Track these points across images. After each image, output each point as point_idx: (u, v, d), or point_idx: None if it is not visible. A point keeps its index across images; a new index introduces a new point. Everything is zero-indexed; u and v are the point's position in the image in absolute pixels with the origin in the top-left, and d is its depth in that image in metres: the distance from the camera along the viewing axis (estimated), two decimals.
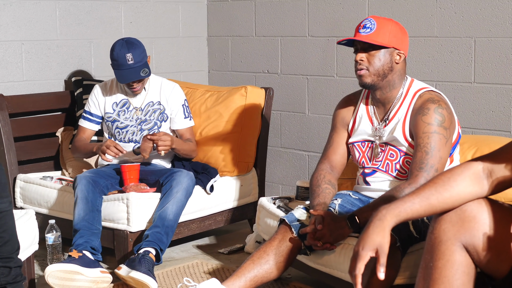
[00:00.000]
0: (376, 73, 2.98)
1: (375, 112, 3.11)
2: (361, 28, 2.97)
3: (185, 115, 3.94)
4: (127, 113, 3.87)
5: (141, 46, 3.79)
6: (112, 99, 3.89)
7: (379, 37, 2.94)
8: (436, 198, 2.12)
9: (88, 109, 3.92)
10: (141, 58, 3.74)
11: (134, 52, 3.72)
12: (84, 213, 3.49)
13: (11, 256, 2.77)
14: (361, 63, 2.98)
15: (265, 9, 4.64)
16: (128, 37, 3.81)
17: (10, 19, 4.16)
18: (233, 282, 2.91)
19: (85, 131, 3.92)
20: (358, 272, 2.10)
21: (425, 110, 2.94)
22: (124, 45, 3.73)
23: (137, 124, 3.86)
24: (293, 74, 4.54)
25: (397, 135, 3.00)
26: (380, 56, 2.96)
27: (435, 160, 2.87)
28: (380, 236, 2.09)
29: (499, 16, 3.60)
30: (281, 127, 4.63)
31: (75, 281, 3.25)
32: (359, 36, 2.96)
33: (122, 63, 3.71)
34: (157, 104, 3.89)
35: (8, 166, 3.98)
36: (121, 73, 3.72)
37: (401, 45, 3.00)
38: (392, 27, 2.97)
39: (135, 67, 3.71)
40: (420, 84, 3.07)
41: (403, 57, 3.01)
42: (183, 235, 3.86)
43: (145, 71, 3.74)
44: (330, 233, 2.88)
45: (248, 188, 4.20)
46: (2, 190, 2.74)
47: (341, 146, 3.20)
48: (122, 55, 3.70)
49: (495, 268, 2.13)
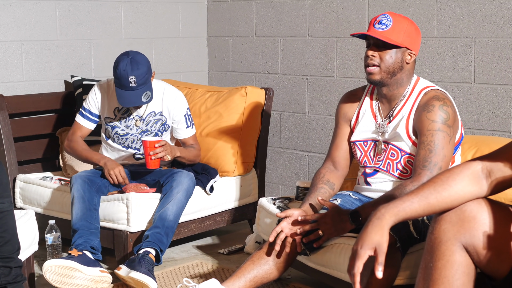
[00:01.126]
0: (386, 71, 2.96)
1: (379, 108, 3.10)
2: (377, 23, 2.94)
3: (187, 124, 3.87)
4: (128, 121, 3.78)
5: (146, 65, 3.63)
6: (113, 103, 3.78)
7: (394, 35, 2.91)
8: (435, 197, 2.12)
9: (87, 107, 3.81)
10: (145, 80, 3.62)
11: (138, 73, 3.58)
12: (82, 212, 3.48)
13: (12, 256, 2.77)
14: (373, 59, 2.95)
15: (265, 9, 4.64)
16: (133, 54, 3.63)
17: (10, 19, 4.16)
18: (233, 282, 2.91)
19: (81, 129, 3.82)
20: (357, 271, 2.10)
21: (430, 107, 2.93)
22: (129, 64, 3.58)
23: (138, 134, 3.80)
24: (293, 75, 4.54)
25: (400, 131, 2.99)
26: (392, 54, 2.94)
27: (438, 158, 2.86)
28: (379, 235, 2.09)
29: (499, 16, 3.60)
30: (281, 127, 4.63)
31: (74, 278, 3.24)
32: (374, 32, 2.93)
33: (124, 84, 3.58)
34: (159, 114, 3.80)
35: (8, 167, 3.98)
36: (123, 94, 3.60)
37: (414, 45, 2.98)
38: (407, 26, 2.95)
39: (137, 89, 3.60)
40: (426, 83, 3.07)
41: (414, 57, 3.00)
42: (183, 235, 3.86)
43: (147, 95, 3.62)
44: (333, 223, 2.87)
45: (248, 188, 4.20)
46: (3, 190, 2.74)
47: (344, 142, 3.18)
48: (125, 76, 3.56)
49: (495, 268, 2.13)
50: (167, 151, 3.59)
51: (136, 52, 3.67)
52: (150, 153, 3.55)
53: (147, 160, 3.57)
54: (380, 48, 2.94)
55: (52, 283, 3.22)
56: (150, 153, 3.55)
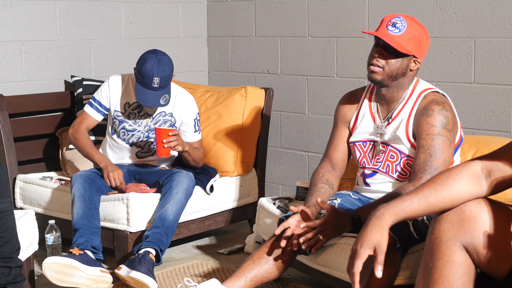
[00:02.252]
0: (389, 74, 2.95)
1: (378, 110, 3.10)
2: (390, 25, 2.91)
3: (195, 129, 3.88)
4: (137, 117, 3.79)
5: (171, 69, 3.66)
6: (125, 98, 3.79)
7: (405, 42, 2.89)
8: (434, 197, 2.12)
9: (98, 98, 3.80)
10: (167, 83, 3.65)
11: (163, 75, 3.60)
12: (82, 211, 3.49)
13: (12, 256, 2.77)
14: (378, 61, 2.94)
15: (265, 9, 4.64)
16: (161, 55, 3.64)
17: (10, 19, 4.16)
18: (233, 282, 2.91)
19: (88, 119, 3.81)
20: (356, 270, 2.10)
21: (429, 111, 2.92)
22: (156, 65, 3.59)
23: (145, 131, 3.82)
24: (293, 75, 4.54)
25: (400, 134, 2.99)
26: (398, 60, 2.93)
27: (439, 162, 2.86)
28: (378, 235, 2.10)
29: (499, 16, 3.60)
30: (281, 127, 4.63)
31: (73, 276, 3.23)
32: (386, 35, 2.90)
33: (147, 83, 3.60)
34: (169, 115, 3.81)
35: (8, 166, 3.97)
36: (143, 92, 3.62)
37: (421, 53, 2.97)
38: (419, 33, 2.93)
39: (158, 91, 3.62)
40: (425, 85, 3.06)
41: (419, 65, 2.99)
42: (183, 235, 3.86)
43: (165, 98, 3.65)
44: (333, 227, 2.87)
45: (248, 188, 4.20)
46: (3, 190, 2.74)
47: (342, 143, 3.19)
48: (150, 75, 3.58)
49: (495, 268, 2.13)
50: (179, 141, 3.62)
51: (162, 53, 3.68)
52: (164, 141, 3.58)
53: (159, 148, 3.60)
54: (389, 52, 2.93)
55: (51, 280, 3.21)
56: (163, 141, 3.58)
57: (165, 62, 3.64)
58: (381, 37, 2.91)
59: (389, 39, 2.89)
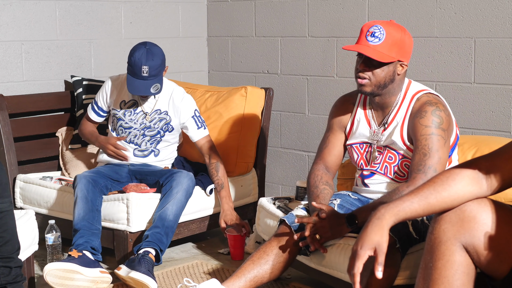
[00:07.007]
0: (377, 84, 2.94)
1: (373, 116, 3.10)
2: (369, 36, 2.90)
3: (197, 126, 3.87)
4: (133, 114, 3.82)
5: (161, 58, 3.68)
6: (121, 96, 3.84)
7: (386, 49, 2.87)
8: (434, 197, 2.12)
9: (97, 100, 3.92)
10: (157, 72, 3.66)
11: (152, 64, 3.63)
12: (84, 212, 3.49)
13: (12, 256, 2.77)
14: (364, 73, 2.94)
15: (265, 9, 4.64)
16: (150, 45, 3.69)
17: (10, 19, 4.16)
18: (233, 282, 2.91)
19: (90, 121, 3.98)
20: (357, 271, 2.10)
21: (422, 113, 2.93)
22: (144, 54, 3.63)
23: (141, 129, 3.83)
24: (293, 75, 4.54)
25: (396, 138, 3.00)
26: (383, 69, 2.92)
27: (433, 161, 2.86)
28: (379, 235, 2.10)
29: (499, 16, 3.60)
30: (281, 127, 4.63)
31: (74, 280, 3.25)
32: (366, 48, 2.88)
33: (136, 72, 3.63)
34: (164, 113, 3.82)
35: (8, 166, 3.98)
36: (133, 82, 3.65)
37: (405, 56, 2.95)
38: (400, 37, 2.91)
39: (148, 80, 3.64)
40: (418, 86, 3.06)
41: (406, 68, 2.98)
42: (183, 235, 3.86)
43: (156, 87, 3.67)
44: (330, 227, 2.88)
45: (248, 188, 4.20)
46: (3, 190, 2.74)
47: (337, 148, 3.19)
48: (138, 64, 3.62)
49: (495, 268, 2.13)
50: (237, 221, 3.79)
51: (153, 44, 3.73)
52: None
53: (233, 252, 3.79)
54: (373, 62, 2.91)
55: (54, 286, 3.22)
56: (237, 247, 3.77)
57: (154, 52, 3.67)
58: (362, 52, 2.89)
59: (371, 51, 2.87)
